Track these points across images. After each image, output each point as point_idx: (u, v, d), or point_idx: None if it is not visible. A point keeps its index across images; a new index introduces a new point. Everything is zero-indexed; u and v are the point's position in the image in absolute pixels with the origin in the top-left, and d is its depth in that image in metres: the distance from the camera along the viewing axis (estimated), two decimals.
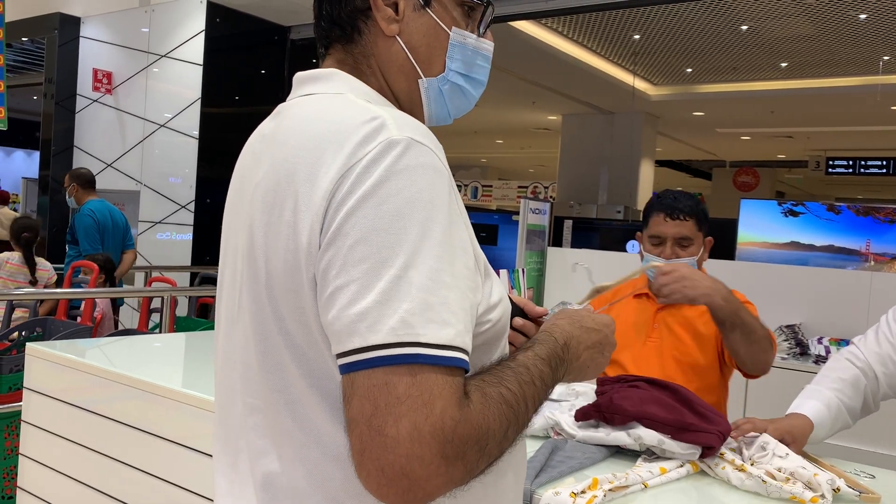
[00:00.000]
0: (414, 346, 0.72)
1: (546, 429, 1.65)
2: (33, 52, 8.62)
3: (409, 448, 0.70)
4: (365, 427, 0.72)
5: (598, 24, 7.30)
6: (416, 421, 0.71)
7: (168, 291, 3.99)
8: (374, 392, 0.72)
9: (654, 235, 2.07)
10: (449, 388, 0.73)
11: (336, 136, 0.80)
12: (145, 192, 6.70)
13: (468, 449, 0.73)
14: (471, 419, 0.74)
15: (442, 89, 0.95)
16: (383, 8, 0.90)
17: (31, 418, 2.26)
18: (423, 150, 0.79)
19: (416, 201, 0.76)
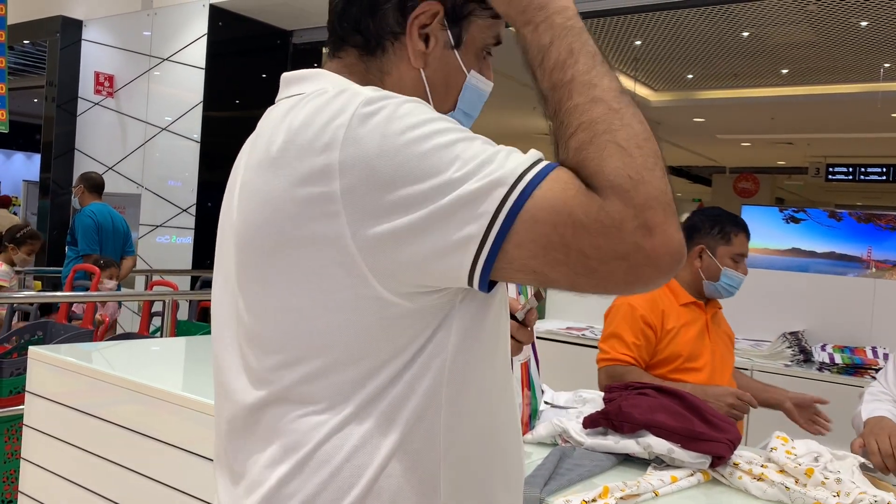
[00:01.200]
0: (528, 171, 0.73)
1: (554, 436, 1.64)
2: (35, 54, 8.62)
3: (600, 216, 0.70)
4: (559, 256, 0.71)
5: (599, 30, 7.31)
6: (574, 194, 0.71)
7: (169, 295, 3.98)
8: (525, 237, 0.72)
9: (740, 254, 2.30)
10: (573, 179, 0.73)
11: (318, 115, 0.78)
12: (146, 195, 6.69)
13: (631, 200, 0.72)
14: (602, 186, 0.73)
15: None
16: (417, 41, 0.90)
17: (32, 422, 2.25)
18: (394, 94, 0.79)
19: (413, 118, 0.75)
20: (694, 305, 2.30)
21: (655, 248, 0.70)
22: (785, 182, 16.33)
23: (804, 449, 1.50)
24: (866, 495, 1.32)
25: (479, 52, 0.96)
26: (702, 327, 2.28)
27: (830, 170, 12.36)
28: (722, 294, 2.31)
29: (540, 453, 1.56)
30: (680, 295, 2.30)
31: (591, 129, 0.76)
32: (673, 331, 2.23)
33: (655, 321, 2.25)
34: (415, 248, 0.74)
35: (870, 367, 3.14)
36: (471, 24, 0.93)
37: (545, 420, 1.70)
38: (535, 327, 2.01)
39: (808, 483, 1.38)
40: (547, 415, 1.75)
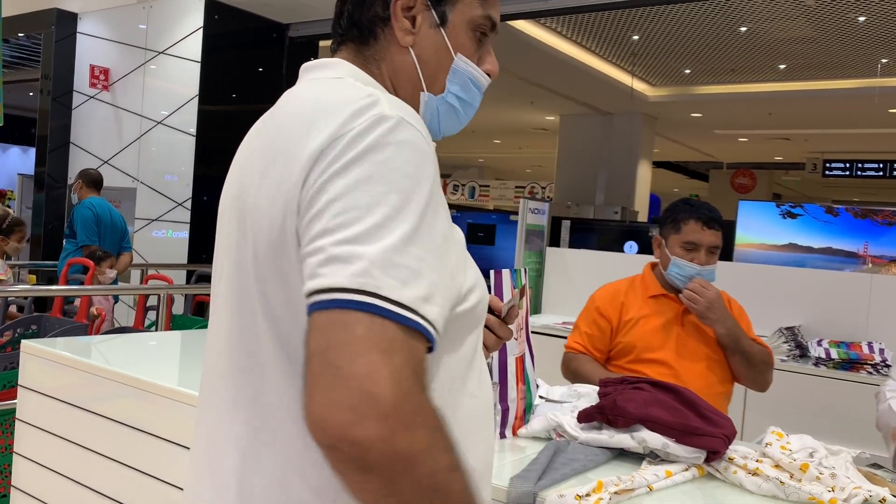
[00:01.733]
0: (373, 296, 0.72)
1: (548, 430, 1.63)
2: (29, 47, 8.58)
3: (363, 384, 0.68)
4: (319, 359, 0.70)
5: (597, 25, 7.29)
6: (374, 362, 0.69)
7: (164, 289, 3.97)
8: (331, 329, 0.71)
9: (690, 242, 2.20)
10: (409, 351, 0.72)
11: (330, 107, 0.82)
12: (142, 189, 6.67)
13: (420, 429, 0.70)
14: (428, 409, 0.71)
15: (439, 108, 1.00)
16: (402, 19, 0.95)
17: (25, 416, 2.24)
18: (413, 131, 0.81)
19: (399, 172, 0.78)
20: (664, 297, 2.27)
21: (368, 436, 0.68)
22: (782, 178, 16.35)
23: (799, 444, 1.50)
24: (861, 490, 1.32)
25: (470, 32, 0.99)
26: (669, 319, 2.23)
27: (827, 165, 12.36)
28: (678, 285, 2.23)
29: (534, 448, 1.55)
30: (650, 287, 2.30)
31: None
32: (631, 322, 2.25)
33: (611, 313, 2.29)
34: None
35: (866, 361, 3.14)
36: (455, 4, 0.97)
37: (540, 414, 1.69)
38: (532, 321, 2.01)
39: (803, 478, 1.37)
40: (541, 409, 1.74)
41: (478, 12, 0.98)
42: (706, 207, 2.24)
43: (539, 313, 4.23)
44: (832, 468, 1.41)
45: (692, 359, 2.19)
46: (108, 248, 5.10)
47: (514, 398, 1.66)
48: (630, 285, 2.35)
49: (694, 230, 2.19)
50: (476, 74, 1.00)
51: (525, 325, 1.77)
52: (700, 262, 2.19)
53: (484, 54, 1.02)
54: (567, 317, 4.04)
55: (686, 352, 2.20)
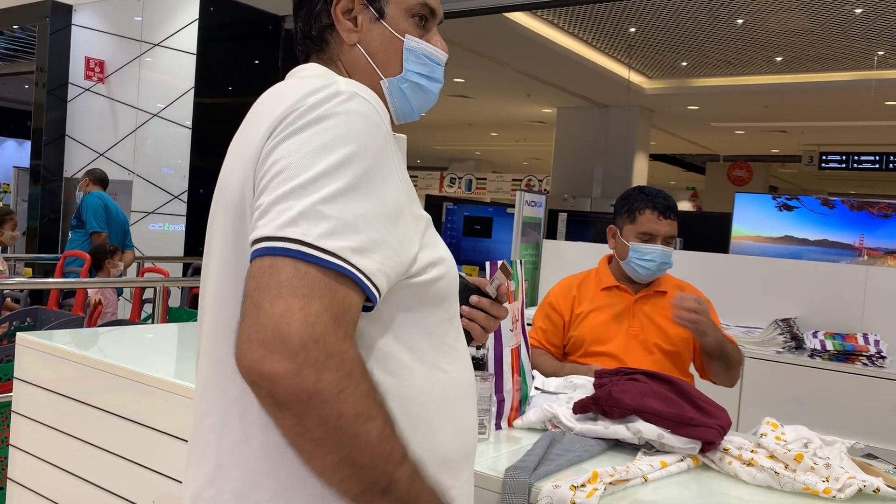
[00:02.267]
0: (298, 243, 0.78)
1: (544, 421, 1.63)
2: (24, 39, 8.54)
3: (277, 324, 0.75)
4: (247, 300, 0.78)
5: (593, 17, 7.28)
6: (291, 304, 0.76)
7: (161, 282, 3.97)
8: (260, 273, 0.79)
9: (645, 232, 2.15)
10: (331, 297, 0.78)
11: (290, 90, 0.91)
12: (138, 182, 6.65)
13: (330, 371, 0.75)
14: (344, 355, 0.77)
15: (402, 87, 1.07)
16: (344, 21, 1.05)
17: (21, 409, 2.24)
18: (364, 103, 0.89)
19: (343, 136, 0.84)
20: (616, 289, 2.23)
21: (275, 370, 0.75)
22: (779, 170, 16.35)
23: (793, 435, 1.50)
24: (855, 480, 1.32)
25: (410, 19, 1.07)
26: (620, 312, 2.18)
27: (824, 158, 12.37)
28: (639, 272, 2.16)
29: (530, 439, 1.56)
30: (603, 279, 2.27)
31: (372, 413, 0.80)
32: (581, 315, 2.22)
33: (563, 306, 2.27)
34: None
35: (861, 353, 3.15)
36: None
37: (535, 406, 1.69)
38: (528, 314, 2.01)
39: (798, 468, 1.38)
40: (537, 400, 1.74)
41: (413, 1, 1.07)
42: (661, 196, 2.19)
43: (535, 305, 4.23)
44: (826, 458, 1.41)
45: (643, 351, 2.15)
46: (113, 241, 5.12)
47: (509, 389, 1.66)
48: (585, 278, 2.32)
49: (650, 220, 2.15)
50: (429, 49, 1.08)
51: (521, 317, 1.78)
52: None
53: (430, 38, 1.09)
54: None
55: (636, 344, 2.15)
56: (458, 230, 5.55)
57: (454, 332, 1.01)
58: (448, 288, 0.99)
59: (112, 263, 4.60)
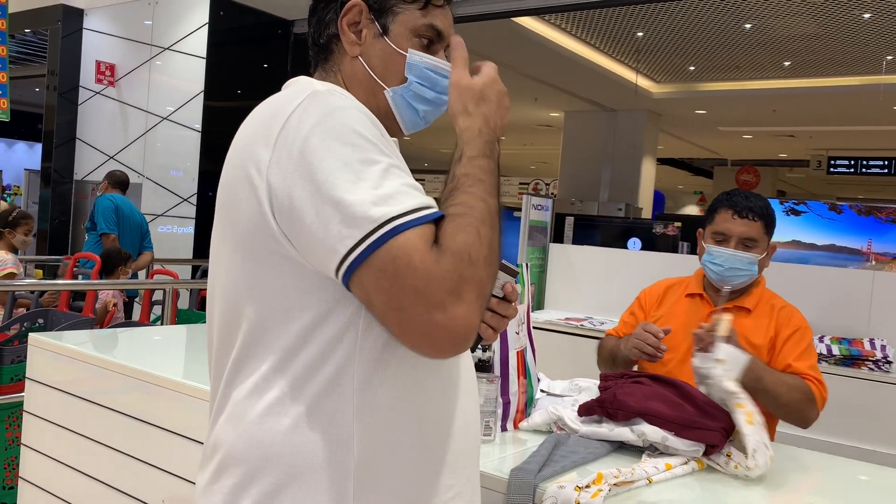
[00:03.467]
0: (384, 223, 0.86)
1: (549, 423, 1.65)
2: (36, 43, 8.61)
3: (424, 303, 0.84)
4: (392, 313, 0.86)
5: (601, 21, 7.29)
6: (413, 284, 0.84)
7: (170, 284, 4.00)
8: (378, 282, 0.86)
9: (719, 232, 2.04)
10: (417, 240, 0.86)
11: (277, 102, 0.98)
12: (147, 184, 6.70)
13: (459, 268, 0.86)
14: (446, 248, 0.87)
15: (405, 96, 1.11)
16: (349, 33, 1.09)
17: (33, 408, 2.27)
18: (341, 97, 0.96)
19: (345, 133, 0.91)
20: (700, 298, 2.12)
21: (455, 317, 0.86)
22: (787, 175, 16.31)
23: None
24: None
25: (414, 38, 1.10)
26: (694, 322, 1.98)
27: (832, 163, 12.34)
28: (710, 276, 2.06)
29: (535, 440, 1.57)
30: (692, 285, 2.17)
31: (468, 211, 0.92)
32: (657, 317, 2.15)
33: (649, 303, 2.22)
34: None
35: (867, 358, 3.15)
36: (396, 15, 1.09)
37: (541, 408, 1.71)
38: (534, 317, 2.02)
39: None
40: (542, 403, 1.76)
41: (419, 22, 1.10)
42: (742, 196, 2.07)
43: (542, 309, 4.24)
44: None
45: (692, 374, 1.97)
46: (126, 244, 5.16)
47: (515, 391, 1.68)
48: (679, 282, 2.23)
49: (724, 219, 2.03)
50: (432, 62, 1.11)
51: (527, 320, 1.79)
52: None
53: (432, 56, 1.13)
54: (569, 313, 4.06)
55: (689, 364, 1.93)
56: None
57: None
58: None
59: (123, 270, 4.63)
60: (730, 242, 2.02)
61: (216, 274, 1.04)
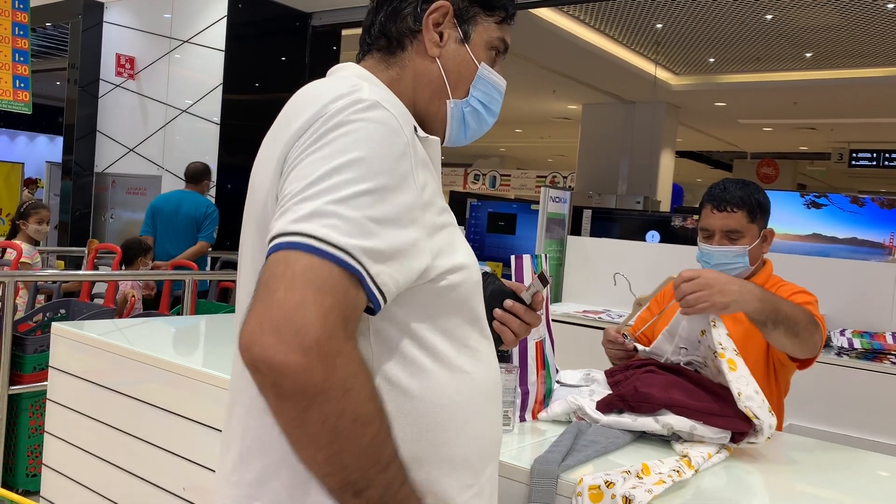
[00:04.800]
0: (309, 237, 0.80)
1: (568, 413, 1.65)
2: (57, 37, 8.69)
3: (293, 314, 0.76)
4: (261, 287, 0.79)
5: (620, 13, 7.24)
6: (306, 296, 0.77)
7: (189, 275, 4.03)
8: (274, 264, 0.80)
9: (703, 228, 2.01)
10: (343, 294, 0.79)
11: (316, 95, 0.94)
12: (167, 177, 6.74)
13: (338, 369, 0.76)
14: (352, 354, 0.79)
15: (464, 111, 1.10)
16: (432, 32, 1.07)
17: (56, 397, 2.30)
18: (385, 113, 0.90)
19: (361, 143, 0.87)
20: None
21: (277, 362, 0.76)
22: (807, 168, 16.14)
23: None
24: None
25: (488, 50, 1.11)
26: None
27: (854, 155, 12.19)
28: None
29: (554, 431, 1.57)
30: None
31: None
32: (665, 312, 2.08)
33: (664, 301, 2.17)
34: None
35: (889, 352, 3.12)
36: (477, 25, 1.09)
37: (559, 398, 1.71)
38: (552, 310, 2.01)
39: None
40: (559, 393, 1.75)
41: (495, 34, 1.11)
42: (720, 187, 2.02)
43: (559, 302, 4.23)
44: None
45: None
46: (165, 237, 5.22)
47: (533, 381, 1.68)
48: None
49: (706, 215, 2.01)
50: (497, 81, 1.13)
51: (546, 312, 1.79)
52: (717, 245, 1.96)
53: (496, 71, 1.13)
54: (587, 305, 4.04)
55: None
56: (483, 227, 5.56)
57: (476, 335, 1.01)
58: (468, 293, 0.99)
59: (143, 262, 4.67)
60: (713, 237, 1.98)
61: (243, 263, 1.04)
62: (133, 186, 7.04)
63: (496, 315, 1.23)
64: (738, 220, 1.96)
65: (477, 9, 1.09)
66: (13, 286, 3.28)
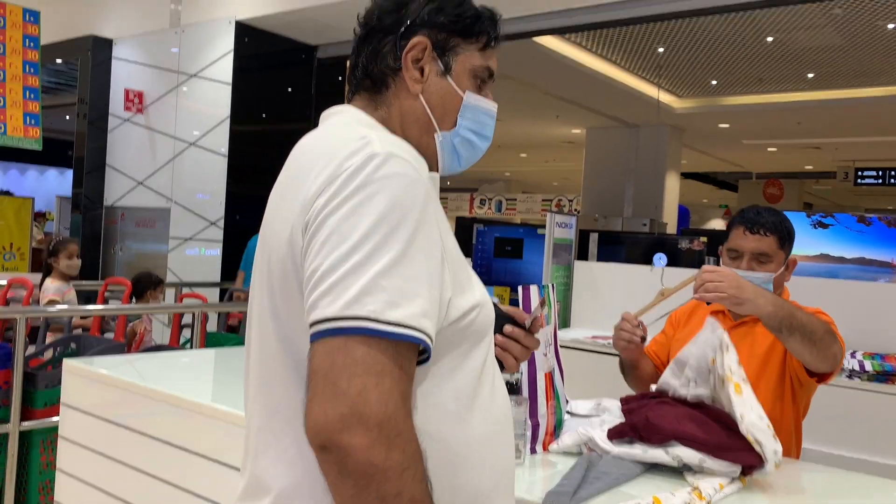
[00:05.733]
0: (365, 319, 0.83)
1: (579, 444, 1.64)
2: (67, 73, 8.81)
3: (355, 402, 0.81)
4: (321, 377, 0.83)
5: (621, 38, 7.30)
6: (367, 383, 0.82)
7: (199, 307, 4.04)
8: (334, 353, 0.83)
9: (732, 248, 2.05)
10: (400, 372, 0.84)
11: (329, 150, 0.94)
12: (175, 209, 6.79)
13: (398, 449, 0.81)
14: (410, 434, 0.84)
15: (454, 142, 1.10)
16: (412, 70, 1.07)
17: (67, 433, 2.30)
18: (401, 162, 0.91)
19: (387, 203, 0.88)
20: (722, 315, 2.13)
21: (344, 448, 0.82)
22: (813, 187, 16.13)
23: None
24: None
25: (472, 79, 1.10)
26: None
27: (859, 174, 12.18)
28: None
29: (565, 463, 1.57)
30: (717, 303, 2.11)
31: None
32: (682, 337, 2.11)
33: (677, 323, 2.22)
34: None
35: None
36: (458, 55, 1.09)
37: (570, 429, 1.70)
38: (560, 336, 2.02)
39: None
40: (570, 424, 1.75)
41: (478, 62, 1.11)
42: (754, 211, 2.07)
43: (567, 327, 4.23)
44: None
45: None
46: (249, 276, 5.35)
47: (543, 413, 1.68)
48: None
49: (737, 236, 2.04)
50: (486, 106, 1.12)
51: (554, 341, 1.79)
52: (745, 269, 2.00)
53: (483, 97, 1.13)
54: (596, 331, 4.04)
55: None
56: (489, 251, 5.56)
57: (491, 367, 1.03)
58: (484, 326, 1.01)
59: (153, 294, 4.71)
60: (743, 258, 2.02)
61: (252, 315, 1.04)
62: (142, 219, 7.09)
63: (497, 341, 1.24)
64: (769, 244, 2.01)
65: (457, 39, 1.09)
66: (24, 322, 3.31)
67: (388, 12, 1.08)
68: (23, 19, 6.06)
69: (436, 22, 1.07)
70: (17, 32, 5.99)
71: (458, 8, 1.08)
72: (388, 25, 1.07)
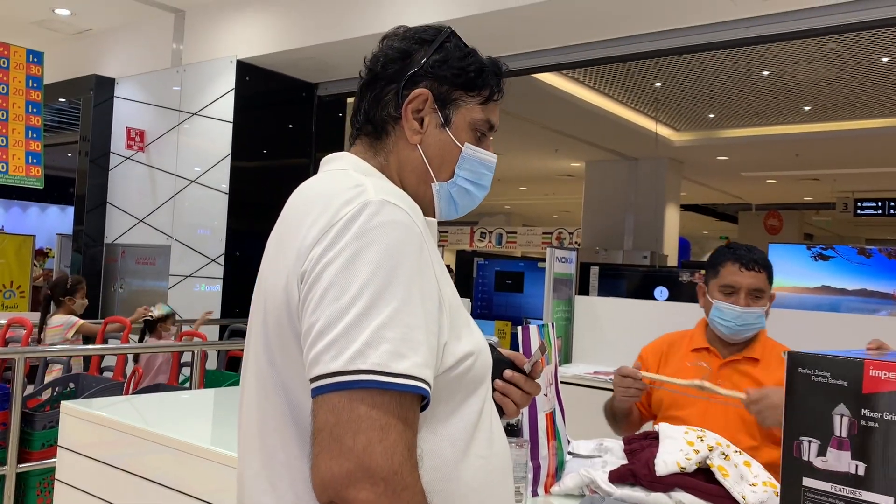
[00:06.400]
0: (368, 373, 0.84)
1: (581, 486, 1.62)
2: (69, 111, 8.89)
3: (361, 458, 0.82)
4: (326, 434, 0.84)
5: (619, 73, 7.38)
6: (371, 438, 0.82)
7: (198, 346, 4.03)
8: (338, 408, 0.84)
9: (727, 285, 2.09)
10: (404, 425, 0.84)
11: (325, 198, 0.95)
12: (176, 246, 6.80)
13: (404, 498, 0.82)
14: (415, 487, 0.84)
15: (451, 192, 1.11)
16: (412, 120, 1.08)
17: (65, 477, 2.28)
18: (395, 210, 0.92)
19: (384, 253, 0.88)
20: (707, 352, 2.14)
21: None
22: (813, 218, 16.17)
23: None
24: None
25: (471, 131, 1.10)
26: (705, 376, 2.02)
27: (859, 205, 12.22)
28: (721, 331, 2.09)
29: None
30: (695, 339, 2.19)
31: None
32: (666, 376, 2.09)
33: (650, 363, 2.21)
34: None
35: None
36: (459, 108, 1.10)
37: (571, 471, 1.68)
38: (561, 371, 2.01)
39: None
40: (572, 465, 1.73)
41: (478, 116, 1.11)
42: (745, 248, 2.14)
43: (569, 363, 4.21)
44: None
45: (723, 421, 2.00)
46: None
47: (545, 455, 1.66)
48: (681, 338, 2.25)
49: (731, 272, 2.08)
50: (485, 157, 1.13)
51: (555, 381, 1.78)
52: (741, 306, 2.05)
53: (483, 148, 1.13)
54: (597, 366, 4.01)
55: (716, 412, 2.02)
56: (490, 285, 5.56)
57: (489, 413, 1.02)
58: (481, 373, 1.01)
59: (164, 327, 4.72)
60: (739, 294, 2.07)
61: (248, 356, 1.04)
62: (142, 256, 7.10)
63: (497, 386, 1.22)
64: (762, 280, 2.09)
65: (459, 91, 1.09)
66: (23, 362, 3.29)
67: (392, 60, 1.08)
68: (26, 60, 6.14)
69: (439, 74, 1.07)
70: (21, 73, 6.06)
71: (462, 61, 1.09)
72: (392, 74, 1.08)
